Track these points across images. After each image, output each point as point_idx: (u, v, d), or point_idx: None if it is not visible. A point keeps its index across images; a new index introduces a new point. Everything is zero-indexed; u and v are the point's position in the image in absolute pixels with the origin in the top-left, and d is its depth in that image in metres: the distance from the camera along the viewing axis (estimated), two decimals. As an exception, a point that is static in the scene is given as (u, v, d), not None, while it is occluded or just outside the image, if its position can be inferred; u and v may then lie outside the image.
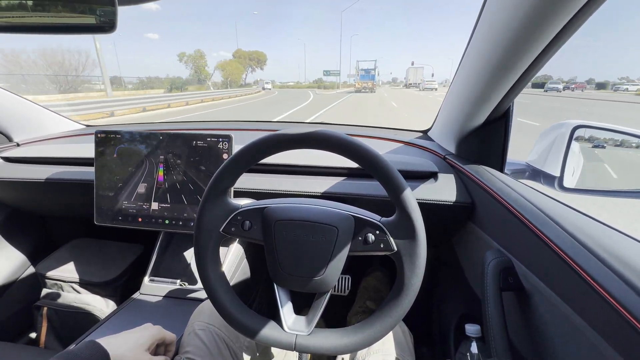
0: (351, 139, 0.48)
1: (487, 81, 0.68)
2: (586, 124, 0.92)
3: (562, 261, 0.46)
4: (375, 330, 0.50)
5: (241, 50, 59.40)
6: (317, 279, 0.51)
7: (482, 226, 0.77)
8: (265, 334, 0.52)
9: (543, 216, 0.56)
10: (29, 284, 1.22)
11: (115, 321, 0.80)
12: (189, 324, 0.68)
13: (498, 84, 0.67)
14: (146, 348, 0.54)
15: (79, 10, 0.60)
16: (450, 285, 1.00)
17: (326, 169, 0.94)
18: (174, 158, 0.90)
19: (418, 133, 1.26)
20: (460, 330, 0.71)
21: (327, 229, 0.50)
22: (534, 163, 0.99)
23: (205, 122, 1.49)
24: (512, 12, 0.52)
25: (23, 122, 1.30)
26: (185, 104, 16.04)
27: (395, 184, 0.48)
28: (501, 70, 0.63)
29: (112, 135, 0.92)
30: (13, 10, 0.60)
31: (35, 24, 0.62)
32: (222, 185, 0.53)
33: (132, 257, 1.18)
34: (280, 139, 0.50)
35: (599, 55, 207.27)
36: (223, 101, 20.24)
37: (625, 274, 0.39)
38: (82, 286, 1.09)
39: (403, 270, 0.49)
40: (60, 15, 0.61)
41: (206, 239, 0.54)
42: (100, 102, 12.10)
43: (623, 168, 1.47)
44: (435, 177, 0.89)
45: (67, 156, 1.10)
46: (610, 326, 0.38)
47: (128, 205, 0.93)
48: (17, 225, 1.25)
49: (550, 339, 0.49)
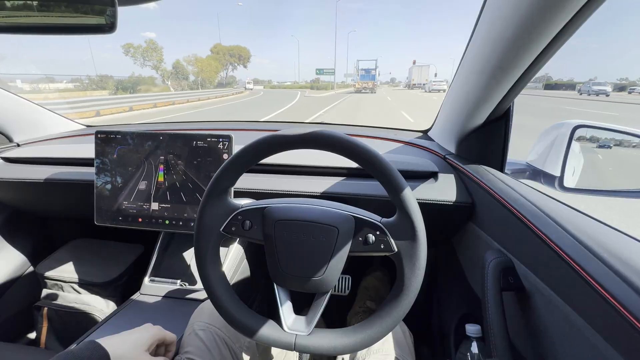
0: (351, 139, 0.48)
1: (487, 81, 0.68)
2: (586, 124, 0.92)
3: (563, 261, 0.46)
4: (375, 331, 0.50)
5: (220, 45, 49.05)
6: (317, 279, 0.51)
7: (482, 226, 0.77)
8: (265, 334, 0.52)
9: (543, 216, 0.56)
10: (29, 284, 1.22)
11: (116, 321, 0.80)
12: (189, 324, 0.68)
13: (498, 84, 0.67)
14: (146, 348, 0.54)
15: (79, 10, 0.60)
16: (451, 285, 1.00)
17: (326, 169, 0.94)
18: (174, 158, 0.90)
19: (418, 133, 1.26)
20: (461, 330, 0.71)
21: (328, 229, 0.51)
22: (534, 163, 0.99)
23: (205, 122, 1.49)
24: (511, 12, 0.52)
25: (23, 122, 1.30)
26: (129, 109, 12.92)
27: (395, 184, 0.48)
28: (501, 70, 0.63)
29: (112, 136, 0.92)
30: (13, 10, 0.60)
31: (36, 25, 0.62)
32: (223, 186, 0.53)
33: (133, 257, 1.18)
34: (280, 140, 0.50)
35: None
36: (181, 106, 16.48)
37: (625, 274, 0.39)
38: (83, 286, 1.09)
39: (403, 270, 0.49)
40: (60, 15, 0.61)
41: (206, 239, 0.54)
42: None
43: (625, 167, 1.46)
44: (436, 177, 0.89)
45: (68, 156, 1.10)
46: (610, 326, 0.38)
47: (128, 205, 0.93)
48: (17, 225, 1.25)
49: (550, 338, 0.49)
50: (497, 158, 0.85)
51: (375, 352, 0.63)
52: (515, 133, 0.82)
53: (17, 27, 0.62)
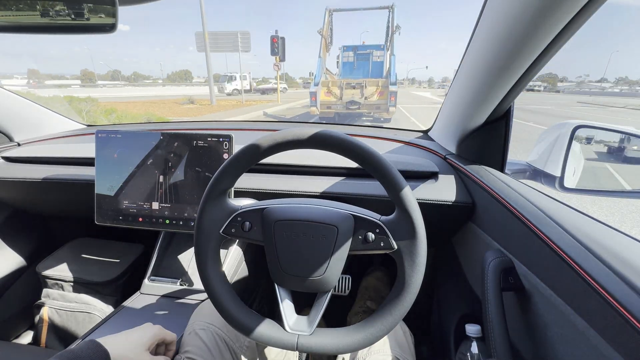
0: (351, 139, 0.49)
1: (488, 81, 0.68)
2: (587, 124, 0.92)
3: (563, 261, 0.46)
4: (377, 329, 0.50)
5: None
6: (318, 279, 0.51)
7: (482, 226, 0.77)
8: (267, 334, 0.52)
9: (543, 216, 0.56)
10: (30, 284, 1.22)
11: (116, 321, 0.80)
12: (189, 324, 0.68)
13: (498, 84, 0.67)
14: (146, 348, 0.54)
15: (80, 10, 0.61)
16: (451, 285, 1.00)
17: (326, 169, 0.95)
18: (175, 158, 0.90)
19: (418, 133, 1.26)
20: (461, 330, 0.71)
21: (327, 228, 0.51)
22: (534, 163, 0.99)
23: (206, 122, 1.49)
24: (512, 12, 0.52)
25: (24, 122, 1.30)
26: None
27: (395, 183, 0.48)
28: (501, 70, 0.63)
29: (112, 135, 0.92)
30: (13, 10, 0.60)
31: (36, 24, 0.62)
32: (222, 187, 0.53)
33: (133, 256, 1.18)
34: (280, 140, 0.50)
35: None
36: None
37: (625, 274, 0.39)
38: (83, 286, 1.09)
39: (404, 268, 0.49)
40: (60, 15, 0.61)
41: (206, 241, 0.54)
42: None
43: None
44: (436, 177, 0.89)
45: (68, 156, 1.10)
46: (610, 326, 0.38)
47: (128, 205, 0.93)
48: (17, 224, 1.25)
49: (550, 339, 0.49)
50: (497, 158, 0.85)
51: (376, 352, 0.63)
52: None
53: (18, 27, 0.62)
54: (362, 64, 11.47)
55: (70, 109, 7.09)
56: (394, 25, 10.46)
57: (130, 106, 14.06)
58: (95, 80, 42.13)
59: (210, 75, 15.62)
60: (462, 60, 0.78)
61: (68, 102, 8.52)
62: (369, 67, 11.32)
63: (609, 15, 42.32)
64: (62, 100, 9.33)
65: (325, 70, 11.13)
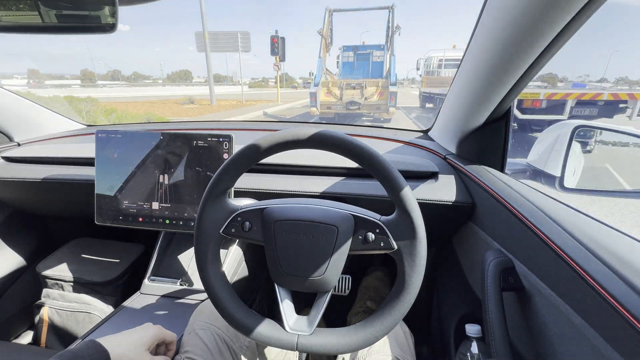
0: (351, 139, 0.49)
1: (488, 81, 0.68)
2: (587, 124, 0.92)
3: (563, 261, 0.46)
4: (377, 329, 0.50)
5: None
6: (318, 279, 0.51)
7: (482, 226, 0.77)
8: (267, 334, 0.52)
9: (543, 216, 0.56)
10: (30, 284, 1.22)
11: (116, 321, 0.80)
12: (189, 324, 0.68)
13: (498, 84, 0.67)
14: (146, 348, 0.54)
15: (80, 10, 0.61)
16: (451, 285, 1.00)
17: (326, 169, 0.95)
18: (175, 158, 0.90)
19: (418, 133, 1.26)
20: (461, 330, 0.71)
21: (327, 228, 0.51)
22: (534, 163, 1.00)
23: (206, 122, 1.49)
24: (512, 13, 0.52)
25: (24, 122, 1.30)
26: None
27: (394, 183, 0.48)
28: (501, 70, 0.63)
29: (112, 135, 0.92)
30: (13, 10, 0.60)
31: (37, 24, 0.62)
32: (222, 187, 0.53)
33: (133, 256, 1.18)
34: (279, 140, 0.50)
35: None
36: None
37: (625, 274, 0.39)
38: (83, 286, 1.09)
39: (404, 268, 0.49)
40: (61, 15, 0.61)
41: (206, 241, 0.54)
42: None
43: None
44: (436, 177, 0.89)
45: (68, 156, 1.10)
46: (610, 326, 0.38)
47: (128, 205, 0.93)
48: (17, 224, 1.25)
49: (550, 339, 0.49)
50: (497, 158, 0.85)
51: (376, 352, 0.63)
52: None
53: (18, 27, 0.63)
54: (362, 64, 11.53)
55: (70, 109, 7.14)
56: (394, 26, 10.47)
57: (130, 106, 14.16)
58: (95, 80, 43.56)
59: (210, 75, 15.68)
60: (462, 60, 0.78)
61: (68, 102, 8.57)
62: (369, 67, 11.37)
63: (609, 15, 42.33)
64: (62, 100, 9.40)
65: (325, 70, 11.13)
